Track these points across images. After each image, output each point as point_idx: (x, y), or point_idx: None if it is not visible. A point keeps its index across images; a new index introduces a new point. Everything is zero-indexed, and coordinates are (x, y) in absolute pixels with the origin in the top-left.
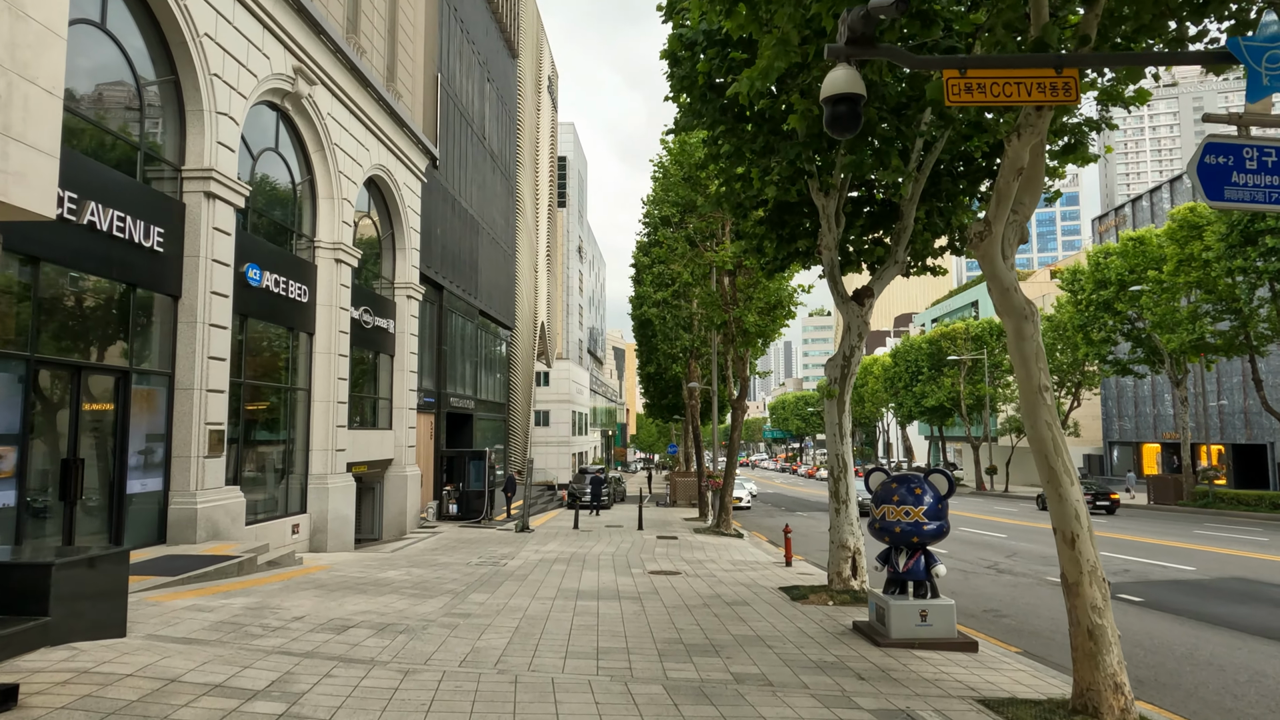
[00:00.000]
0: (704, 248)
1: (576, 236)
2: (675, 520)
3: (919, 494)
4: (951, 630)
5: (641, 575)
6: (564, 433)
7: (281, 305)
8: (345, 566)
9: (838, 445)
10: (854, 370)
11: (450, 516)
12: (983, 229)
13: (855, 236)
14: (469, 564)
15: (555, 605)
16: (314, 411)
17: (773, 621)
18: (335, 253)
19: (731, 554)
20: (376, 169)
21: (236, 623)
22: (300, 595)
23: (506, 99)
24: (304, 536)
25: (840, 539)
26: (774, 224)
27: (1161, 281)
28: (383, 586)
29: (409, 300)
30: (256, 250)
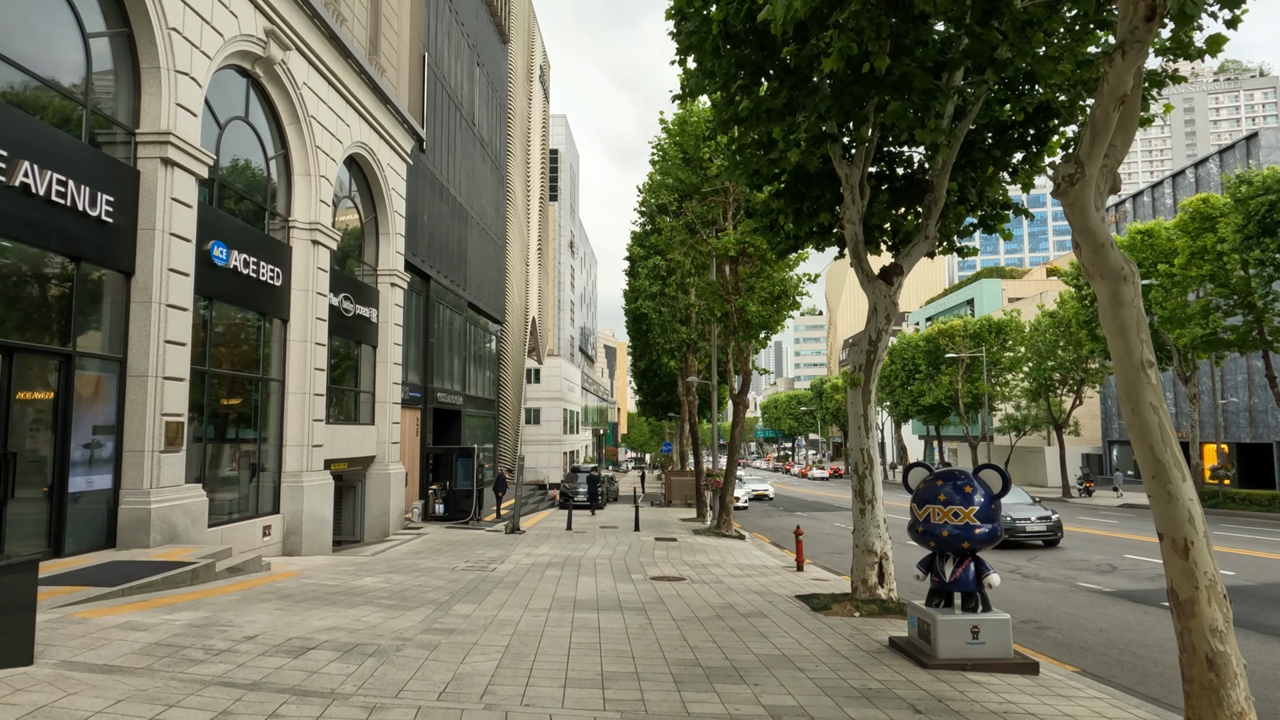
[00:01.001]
0: (705, 234)
1: (568, 231)
2: (672, 521)
3: (969, 493)
4: (1007, 649)
5: (643, 582)
6: (555, 431)
7: (252, 288)
8: (318, 572)
9: (862, 439)
10: (881, 356)
11: (436, 517)
12: (1073, 171)
13: (879, 211)
14: (454, 569)
15: (550, 618)
16: (288, 404)
17: (797, 637)
18: (312, 233)
19: (736, 557)
20: (358, 147)
21: (174, 644)
22: (259, 608)
23: (497, 85)
24: (276, 539)
25: (866, 542)
26: (792, 197)
27: (1172, 275)
28: (356, 596)
29: (393, 288)
30: (223, 227)
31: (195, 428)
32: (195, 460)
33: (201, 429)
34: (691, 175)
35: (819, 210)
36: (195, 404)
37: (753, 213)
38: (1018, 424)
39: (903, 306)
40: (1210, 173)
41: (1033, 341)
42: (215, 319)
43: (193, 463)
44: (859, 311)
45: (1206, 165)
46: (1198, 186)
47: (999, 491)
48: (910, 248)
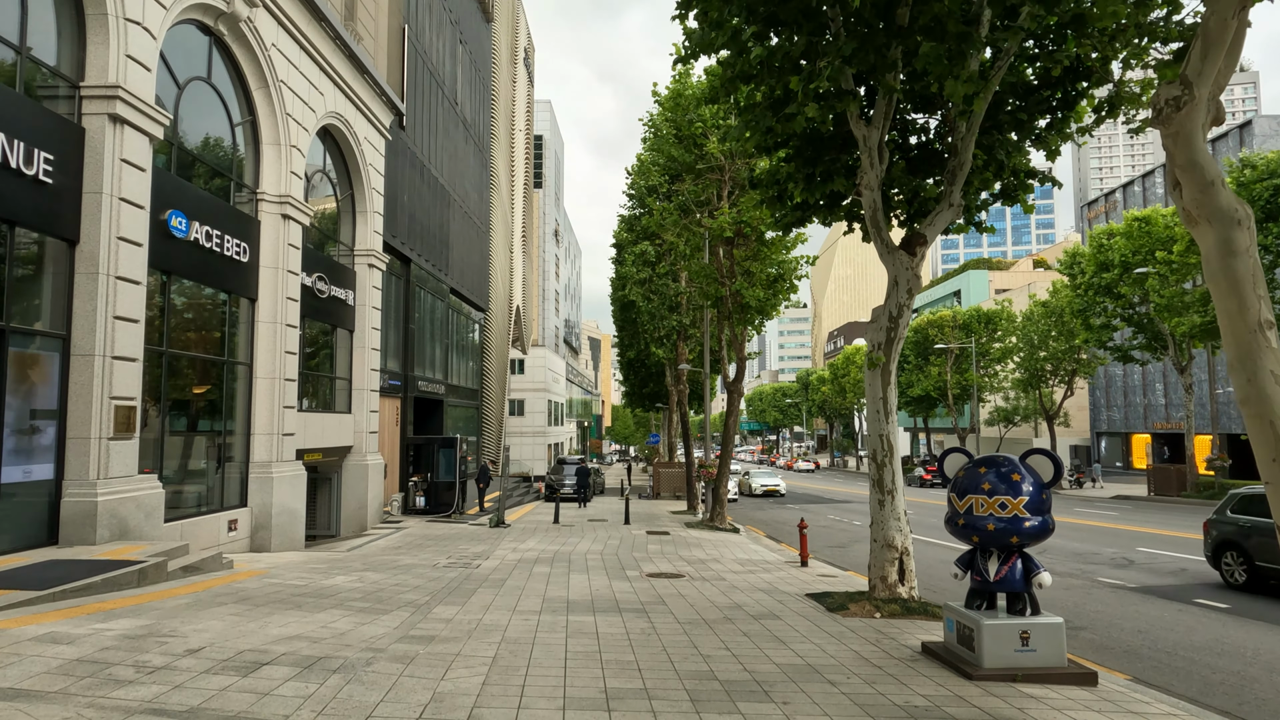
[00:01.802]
0: (699, 214)
1: (553, 220)
2: (662, 514)
3: (1016, 481)
4: (1061, 657)
5: (639, 579)
6: (540, 423)
7: (216, 264)
8: (286, 570)
9: (882, 424)
10: (902, 333)
11: (417, 510)
12: (1179, 93)
13: (897, 177)
14: (436, 566)
15: (542, 622)
16: (257, 390)
17: (817, 642)
18: (282, 207)
19: (734, 551)
20: (333, 118)
21: (100, 660)
22: (211, 613)
23: (480, 65)
24: (244, 534)
25: (886, 537)
26: (805, 160)
27: (1170, 262)
28: (325, 598)
29: (371, 269)
30: (183, 196)
31: (152, 414)
32: (151, 449)
33: (159, 415)
34: (685, 153)
35: (833, 175)
36: (152, 388)
37: (757, 183)
38: (1007, 415)
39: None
40: None
41: (1025, 331)
42: (175, 295)
43: (148, 452)
44: (844, 304)
45: None
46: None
47: (1050, 479)
48: (933, 216)
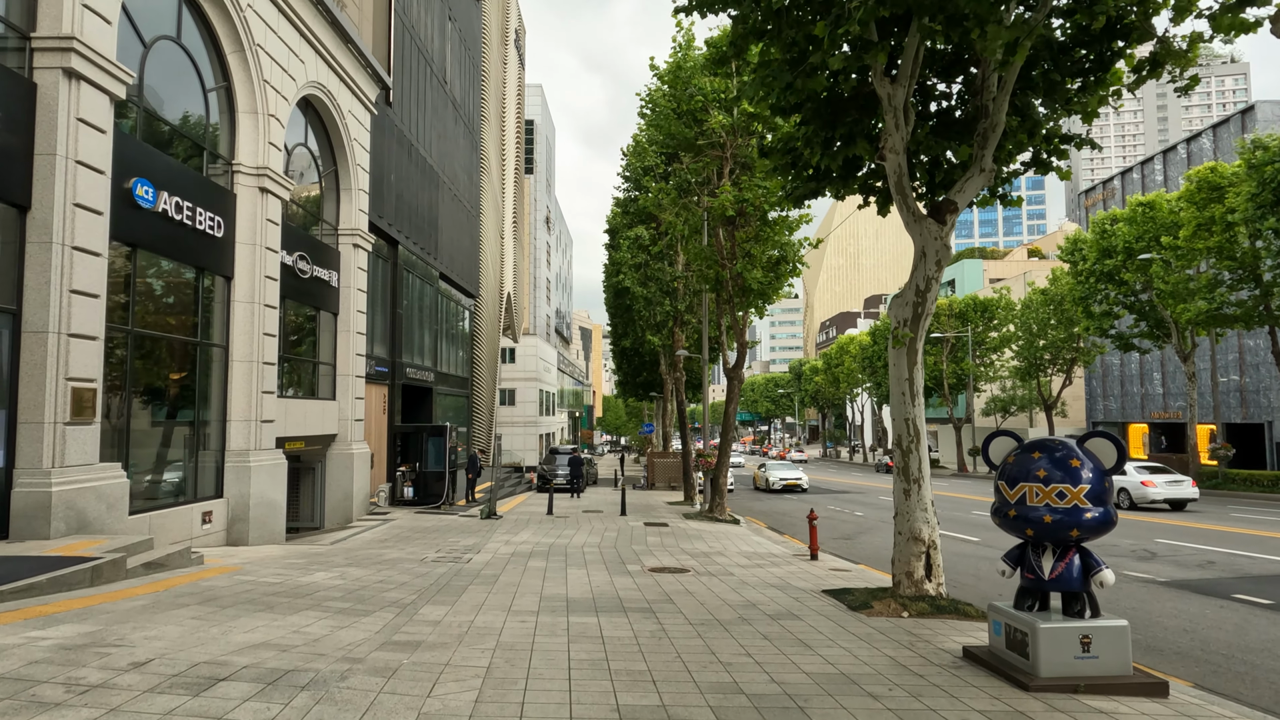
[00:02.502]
0: (699, 194)
1: (544, 206)
2: (659, 504)
3: (1075, 467)
4: (1126, 664)
5: (642, 574)
6: (531, 413)
7: (188, 237)
8: (262, 566)
9: (908, 407)
10: (930, 308)
11: (405, 501)
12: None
13: (921, 139)
14: (423, 560)
15: (541, 624)
16: (233, 374)
17: (846, 646)
18: (260, 180)
19: (737, 544)
20: (314, 88)
21: (27, 678)
22: (169, 617)
23: (470, 44)
24: (219, 527)
25: (912, 529)
26: (823, 123)
27: (1176, 248)
28: (301, 597)
29: (356, 250)
30: (151, 164)
31: (116, 398)
32: (114, 435)
33: (124, 399)
34: (685, 129)
35: (854, 137)
36: (116, 369)
37: (768, 150)
38: (1004, 405)
39: (880, 289)
40: (1203, 147)
41: (1024, 319)
42: (142, 270)
43: (111, 438)
44: (836, 294)
45: (1199, 140)
46: (1189, 162)
47: (1112, 465)
48: (963, 182)
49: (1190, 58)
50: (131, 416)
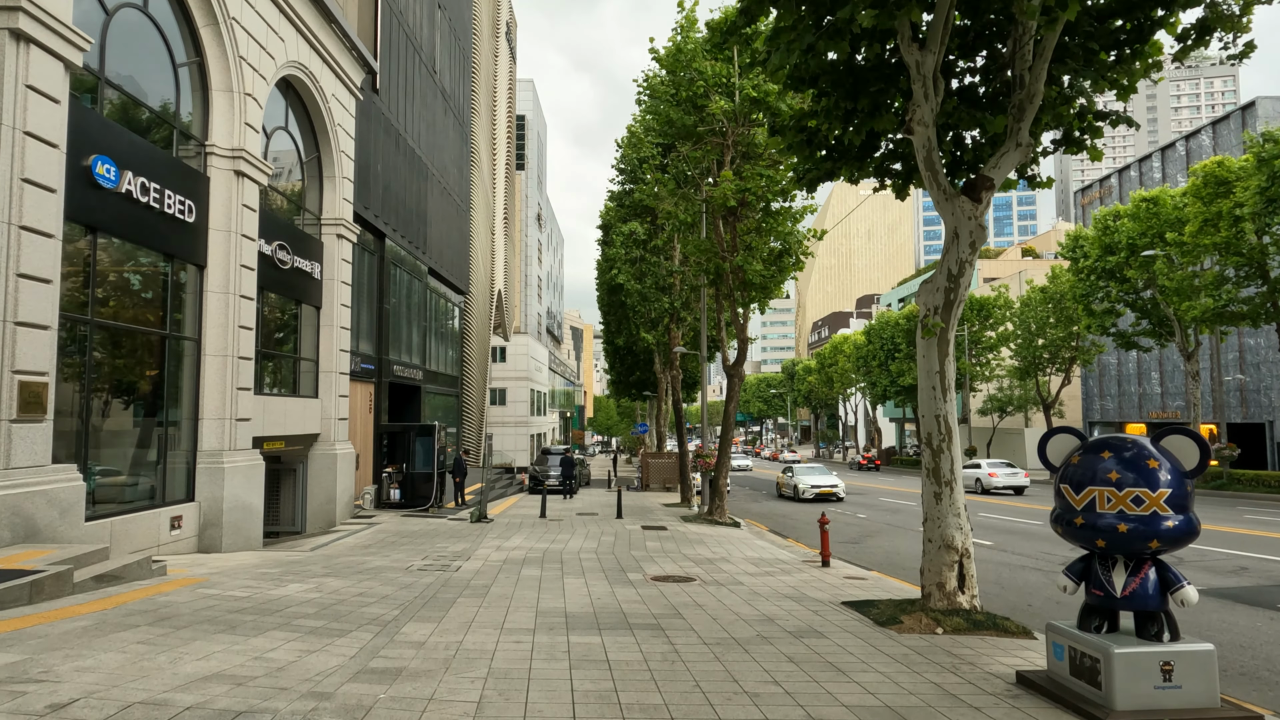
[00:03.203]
0: (699, 182)
1: (536, 203)
2: (655, 506)
3: (1152, 469)
4: (1214, 694)
5: (644, 584)
6: (522, 412)
7: (155, 222)
8: (231, 576)
9: (938, 403)
10: (963, 295)
11: (392, 504)
12: None
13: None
14: (409, 569)
15: (538, 646)
16: (206, 368)
17: (884, 670)
18: (235, 163)
19: (742, 549)
20: (295, 69)
21: None
22: (111, 642)
23: (460, 34)
24: (190, 532)
25: (944, 536)
26: (844, 93)
27: (1181, 243)
28: (270, 614)
29: (340, 240)
30: (113, 141)
31: (74, 394)
32: (70, 434)
33: (83, 395)
34: (685, 115)
35: (879, 109)
36: (73, 363)
37: (779, 129)
38: (1002, 404)
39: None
40: (1202, 144)
41: (1023, 317)
42: (104, 255)
43: (66, 437)
44: (828, 294)
45: (1198, 137)
46: (1188, 159)
47: (1193, 467)
48: (998, 157)
49: (1244, 23)
50: (91, 414)
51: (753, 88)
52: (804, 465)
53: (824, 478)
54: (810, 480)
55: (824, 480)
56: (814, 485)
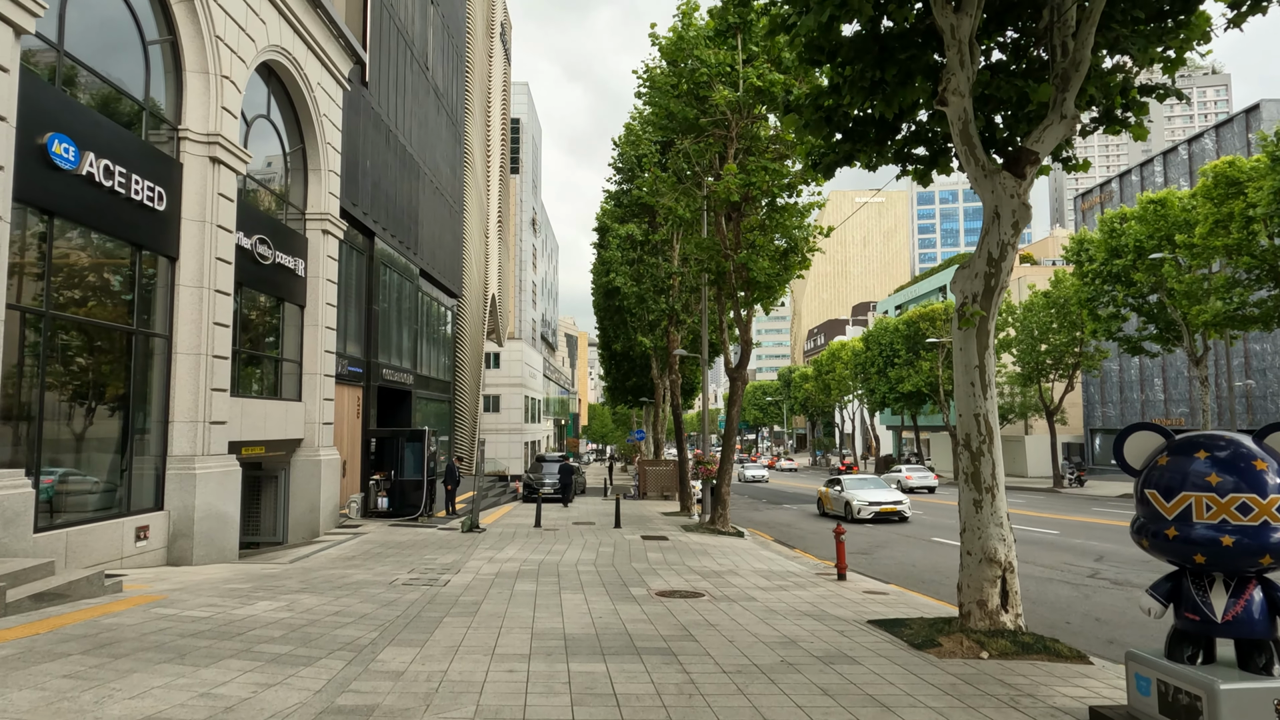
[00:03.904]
0: (702, 176)
1: (530, 208)
2: (653, 515)
3: (1259, 471)
4: None
5: (649, 600)
6: (516, 420)
7: (120, 209)
8: (194, 593)
9: (977, 400)
10: (1004, 282)
11: (379, 512)
12: None
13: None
14: (393, 583)
15: (534, 676)
16: (177, 368)
17: (934, 705)
18: (211, 149)
19: (749, 560)
20: (277, 53)
21: None
22: (31, 676)
23: (454, 32)
24: (158, 544)
25: (985, 548)
26: (871, 62)
27: (1191, 245)
28: (229, 638)
29: (325, 237)
30: (73, 119)
31: (23, 391)
32: (14, 436)
33: (36, 394)
34: (686, 107)
35: (910, 77)
36: (25, 358)
37: (795, 106)
38: (1003, 411)
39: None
40: (1205, 148)
41: (1025, 323)
42: (62, 243)
43: (10, 439)
44: (824, 302)
45: (1201, 141)
46: (1190, 163)
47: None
48: (1041, 130)
49: None
50: (45, 416)
51: (757, 77)
52: (856, 478)
53: (883, 492)
54: (866, 496)
55: (883, 496)
56: (872, 502)
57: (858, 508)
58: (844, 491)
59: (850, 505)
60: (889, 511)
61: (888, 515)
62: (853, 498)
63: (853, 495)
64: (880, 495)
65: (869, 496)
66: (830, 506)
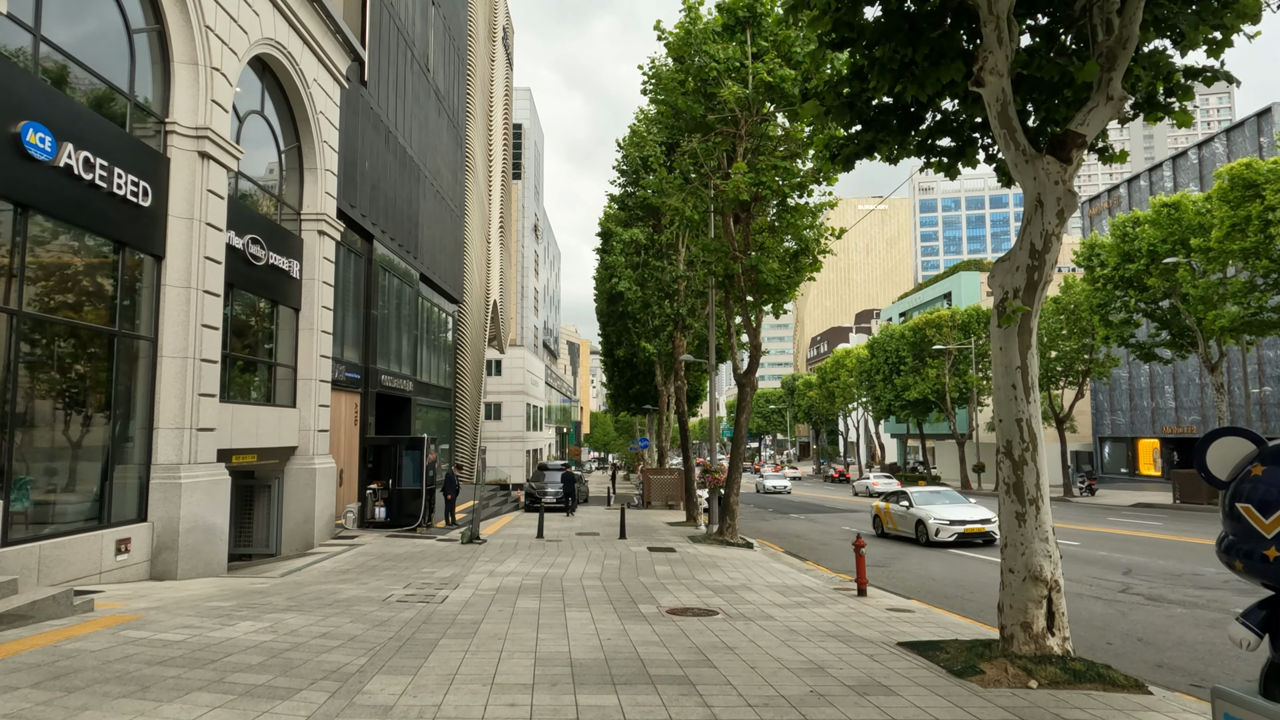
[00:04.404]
0: (710, 176)
1: (533, 214)
2: (659, 525)
3: None
4: None
5: (660, 619)
6: (518, 427)
7: (101, 204)
8: (171, 614)
9: (1019, 404)
10: (1048, 275)
11: (377, 523)
12: None
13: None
14: (387, 600)
15: (538, 711)
16: (163, 371)
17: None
18: (200, 143)
19: (761, 574)
20: (271, 46)
21: None
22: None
23: (455, 34)
24: (140, 557)
25: (1029, 565)
26: (904, 38)
27: (1207, 249)
28: (201, 666)
29: (321, 238)
30: (50, 107)
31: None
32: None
33: (6, 397)
34: (694, 105)
35: (941, 59)
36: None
37: (812, 94)
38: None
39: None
40: (1215, 152)
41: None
42: (38, 238)
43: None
44: (827, 309)
45: (1212, 145)
46: (1201, 168)
47: None
48: (1086, 113)
49: None
50: (17, 421)
51: (767, 72)
52: (926, 490)
53: (964, 509)
54: (945, 512)
55: (967, 513)
56: (954, 521)
57: (934, 528)
58: (913, 508)
59: (924, 525)
60: (976, 533)
61: (973, 537)
62: (927, 515)
63: (927, 512)
64: (963, 512)
65: (949, 513)
66: (893, 526)
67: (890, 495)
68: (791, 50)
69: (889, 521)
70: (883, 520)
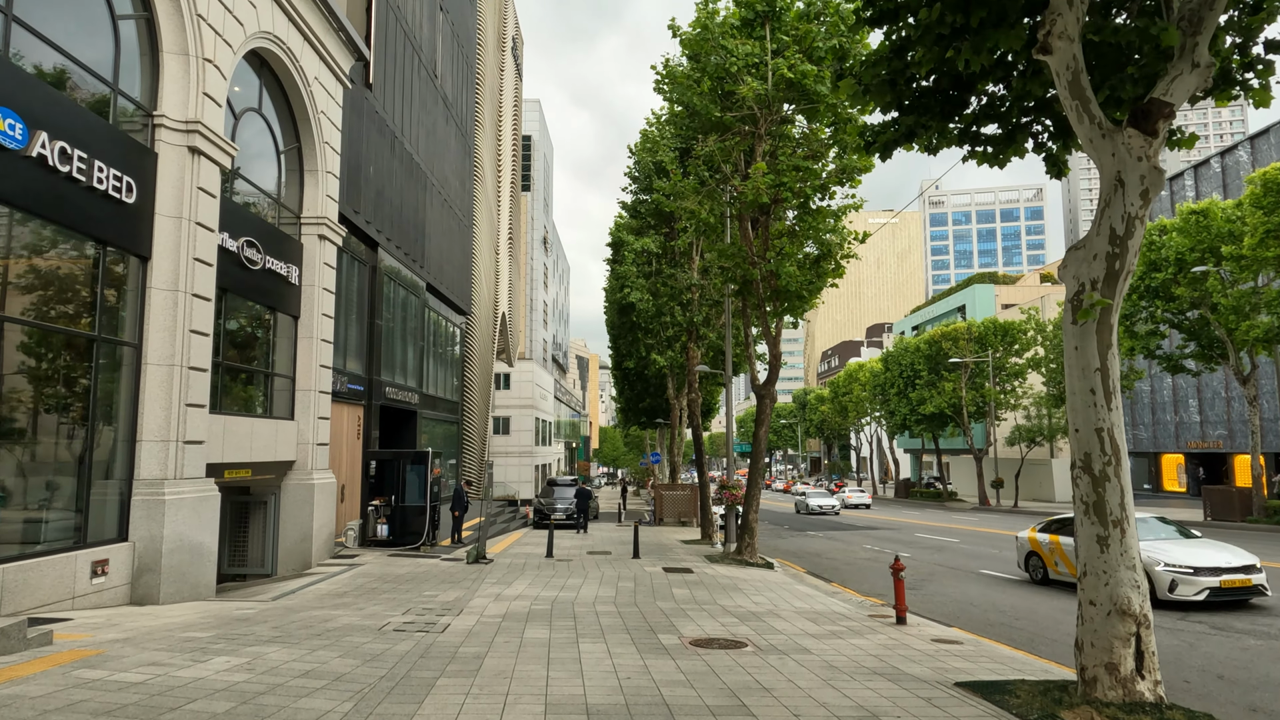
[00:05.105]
0: (729, 175)
1: (542, 226)
2: (673, 543)
3: None
4: None
5: (683, 651)
6: (526, 442)
7: (79, 199)
8: (138, 648)
9: (1099, 412)
10: (1131, 264)
11: (379, 541)
12: None
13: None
14: (383, 629)
15: None
16: (147, 380)
17: None
18: (190, 138)
19: (787, 599)
20: (269, 40)
21: None
22: None
23: (464, 41)
24: (119, 580)
25: (1114, 597)
26: (953, 3)
27: (1240, 257)
28: (157, 714)
29: (322, 243)
30: (23, 93)
31: None
32: None
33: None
34: (710, 104)
35: (1001, 21)
36: None
37: (849, 73)
38: (1031, 434)
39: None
40: (1240, 160)
41: (1055, 341)
42: (9, 236)
43: None
44: (837, 323)
45: (1235, 153)
46: (1224, 176)
47: None
48: (1168, 82)
49: None
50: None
51: (788, 68)
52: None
53: (1213, 551)
54: (1189, 557)
55: (1221, 558)
56: (1201, 569)
57: (1169, 581)
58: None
59: (1157, 578)
60: (1240, 585)
61: (1237, 591)
62: (1158, 560)
63: (1160, 556)
64: (1216, 557)
65: (1193, 558)
66: (1068, 569)
67: (1046, 526)
68: (813, 46)
69: (1058, 561)
70: (1045, 560)
